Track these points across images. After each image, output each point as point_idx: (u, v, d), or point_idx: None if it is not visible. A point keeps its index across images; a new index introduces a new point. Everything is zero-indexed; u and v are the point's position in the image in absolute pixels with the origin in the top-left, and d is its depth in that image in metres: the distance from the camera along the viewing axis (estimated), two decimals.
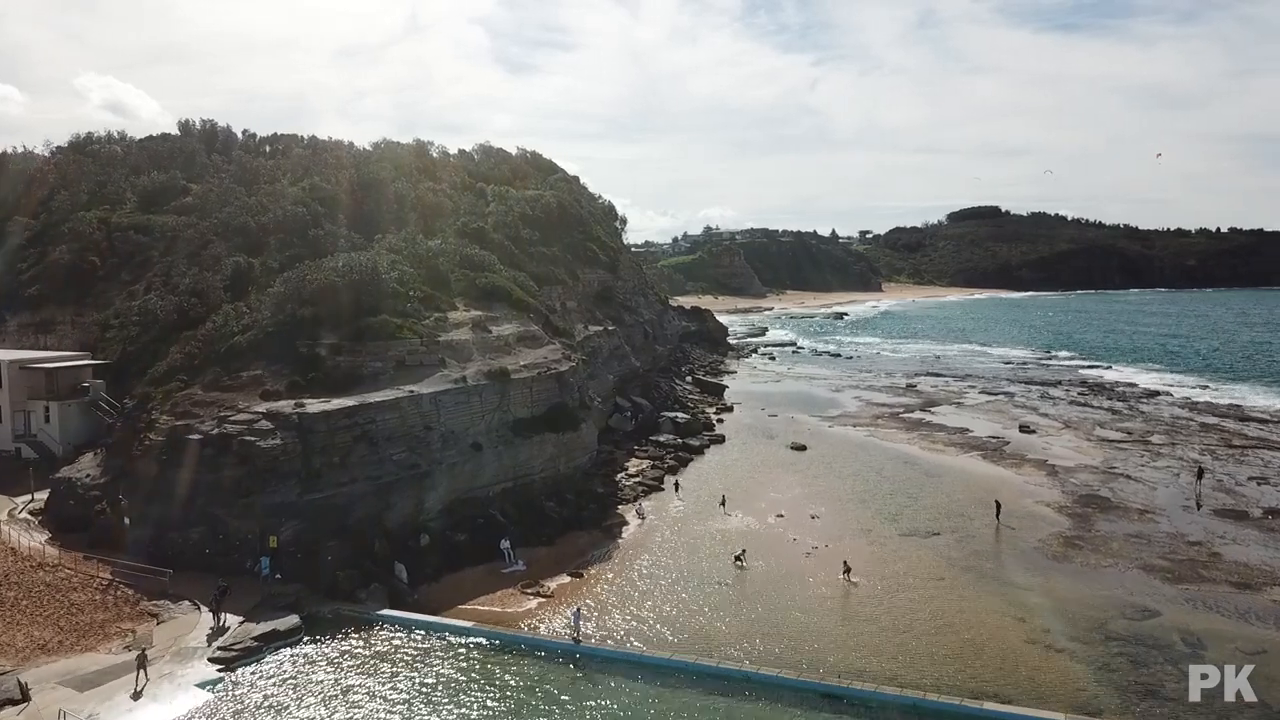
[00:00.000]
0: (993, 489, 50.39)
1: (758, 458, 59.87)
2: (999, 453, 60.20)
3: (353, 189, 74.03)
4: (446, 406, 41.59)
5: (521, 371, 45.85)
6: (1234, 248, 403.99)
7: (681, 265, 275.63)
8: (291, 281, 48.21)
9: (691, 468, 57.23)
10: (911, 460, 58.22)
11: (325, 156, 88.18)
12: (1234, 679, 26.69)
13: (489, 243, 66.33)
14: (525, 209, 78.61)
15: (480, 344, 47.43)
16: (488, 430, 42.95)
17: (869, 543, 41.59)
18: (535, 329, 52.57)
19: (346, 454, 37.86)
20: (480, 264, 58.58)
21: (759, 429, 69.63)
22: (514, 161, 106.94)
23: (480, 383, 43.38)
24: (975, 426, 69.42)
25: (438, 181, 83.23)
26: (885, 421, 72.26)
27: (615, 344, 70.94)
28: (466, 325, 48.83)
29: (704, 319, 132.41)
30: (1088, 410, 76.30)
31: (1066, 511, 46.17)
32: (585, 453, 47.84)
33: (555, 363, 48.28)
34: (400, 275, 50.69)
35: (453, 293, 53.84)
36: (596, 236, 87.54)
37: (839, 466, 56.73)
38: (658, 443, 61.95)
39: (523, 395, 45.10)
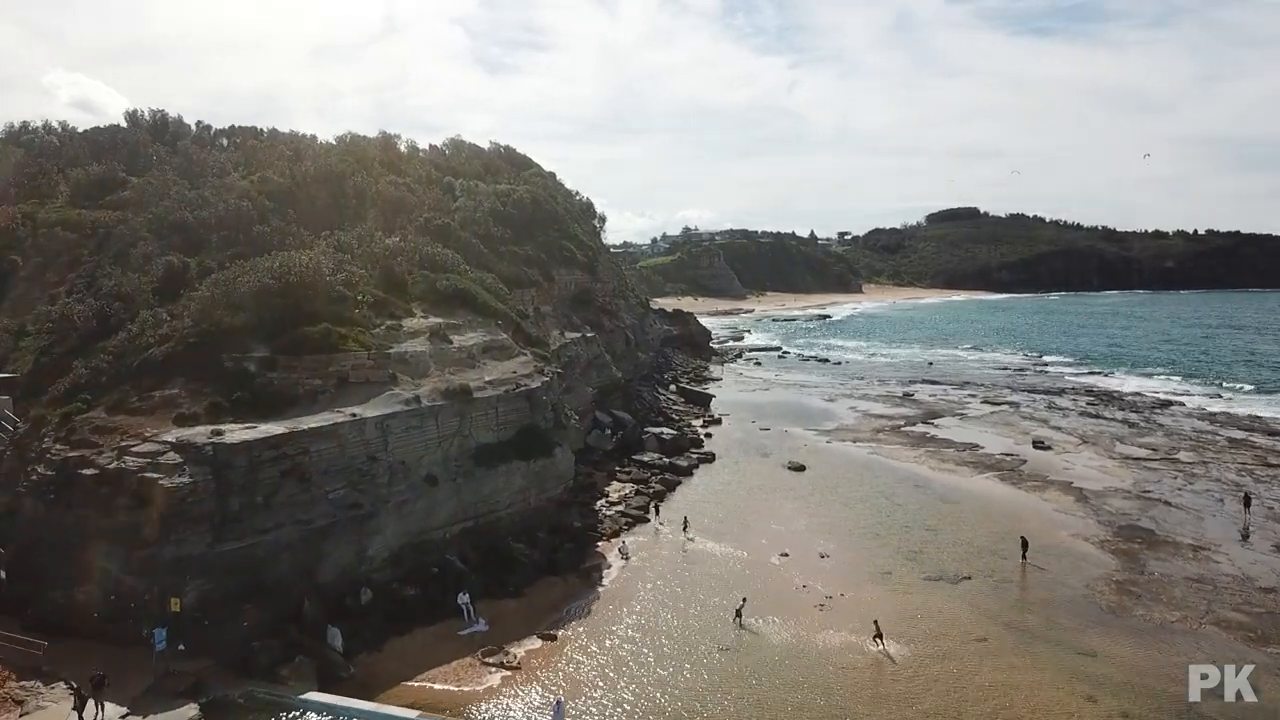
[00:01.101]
0: (1019, 518, 44.85)
1: (753, 480, 53.90)
2: (1017, 473, 54.63)
3: (308, 182, 67.43)
4: (396, 432, 35.23)
5: (486, 389, 39.55)
6: (1212, 250, 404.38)
7: (660, 266, 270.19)
8: (219, 284, 41.68)
9: (680, 493, 51.17)
10: (923, 483, 52.50)
11: (282, 148, 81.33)
12: (1234, 679, 26.58)
13: (454, 241, 60.07)
14: (496, 204, 72.33)
15: (439, 356, 41.12)
16: (445, 460, 36.64)
17: (890, 590, 35.71)
18: (504, 338, 46.31)
19: (272, 493, 31.41)
20: (443, 264, 52.23)
21: (751, 445, 63.71)
22: (486, 156, 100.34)
23: (437, 403, 37.04)
24: (985, 442, 63.91)
25: (402, 175, 76.72)
26: (887, 436, 66.61)
27: (594, 352, 64.77)
28: (424, 334, 42.47)
29: (686, 322, 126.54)
30: (1101, 423, 71.06)
31: (1109, 548, 40.53)
32: (560, 482, 41.63)
33: (526, 378, 42.03)
34: (348, 277, 44.27)
35: (410, 297, 47.48)
36: (574, 235, 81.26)
37: (844, 491, 50.90)
38: (641, 463, 55.88)
39: (487, 417, 38.80)
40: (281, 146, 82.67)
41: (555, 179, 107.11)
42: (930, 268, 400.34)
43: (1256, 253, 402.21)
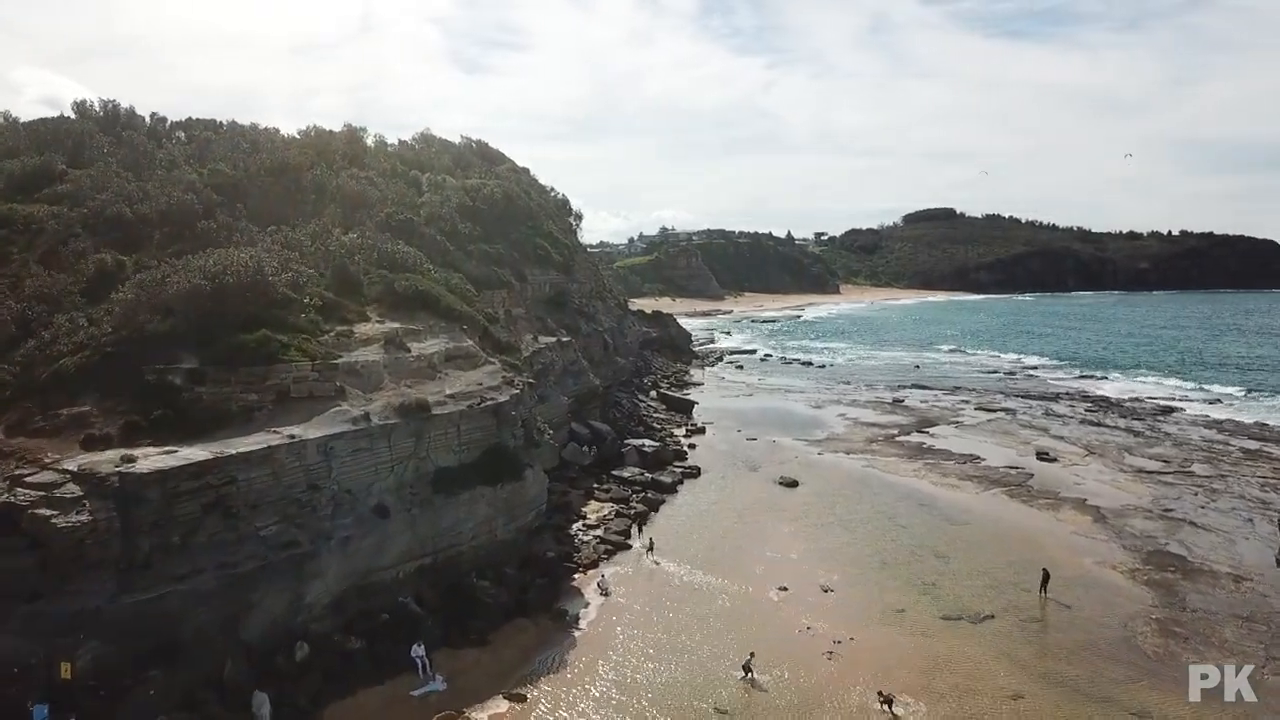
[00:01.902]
0: (1036, 542, 41.02)
1: (742, 498, 49.68)
2: (1025, 489, 50.85)
3: (261, 175, 62.40)
4: (341, 456, 30.61)
5: (447, 404, 34.97)
6: (1185, 251, 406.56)
7: (637, 266, 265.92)
8: (145, 285, 36.83)
9: (664, 513, 46.87)
10: (927, 501, 48.54)
11: (239, 140, 76.04)
12: (1234, 679, 26.40)
13: (418, 238, 55.43)
14: (464, 199, 67.66)
15: (394, 367, 36.50)
16: (398, 487, 32.05)
17: (906, 632, 31.60)
18: (469, 344, 41.75)
19: (191, 531, 26.72)
20: (404, 263, 47.53)
21: (738, 457, 59.52)
22: (457, 150, 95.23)
23: (389, 421, 32.41)
24: (986, 453, 60.15)
25: (364, 169, 71.72)
26: (882, 447, 62.68)
27: (570, 358, 60.30)
28: (378, 342, 37.81)
29: (666, 324, 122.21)
30: (1104, 431, 67.62)
31: (1141, 578, 36.71)
32: (532, 508, 37.12)
33: (493, 390, 37.48)
34: (294, 278, 39.52)
35: (365, 299, 42.83)
36: (548, 233, 76.65)
37: (843, 511, 46.81)
38: (621, 479, 51.49)
39: (448, 436, 34.23)
40: (238, 139, 77.43)
41: (529, 174, 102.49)
42: (907, 268, 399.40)
43: (1229, 254, 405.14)
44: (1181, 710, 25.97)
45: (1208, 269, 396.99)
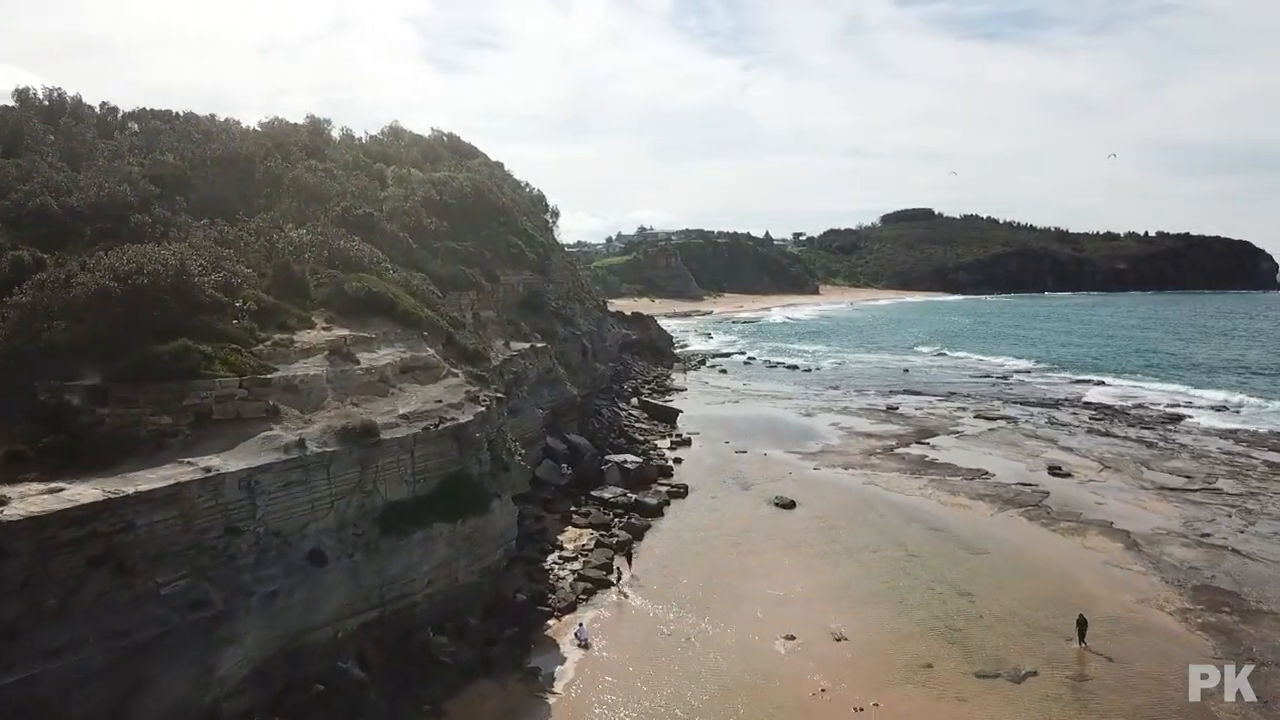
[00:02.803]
0: (1066, 574, 36.76)
1: (735, 522, 45.03)
2: (1043, 510, 46.60)
3: (207, 166, 56.96)
4: (269, 492, 25.55)
5: (400, 426, 29.96)
6: (1162, 251, 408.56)
7: (616, 267, 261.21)
8: (46, 286, 31.46)
9: (650, 541, 42.11)
10: (938, 524, 44.12)
11: (191, 131, 70.38)
12: (1234, 679, 26.15)
13: (378, 234, 50.32)
14: (431, 193, 62.52)
15: (340, 381, 31.44)
16: (339, 527, 27.03)
17: (937, 695, 27.01)
18: (429, 354, 36.75)
19: (72, 592, 21.60)
20: (358, 262, 42.42)
21: (728, 473, 54.86)
22: (426, 144, 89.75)
23: (329, 448, 27.37)
24: (994, 467, 55.92)
25: (325, 161, 66.32)
26: (881, 460, 58.28)
27: (546, 366, 55.33)
28: (321, 352, 32.68)
29: (646, 326, 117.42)
30: (1115, 441, 63.70)
31: (1194, 620, 32.39)
32: (499, 544, 32.16)
33: (455, 408, 32.50)
34: (225, 278, 34.29)
35: (311, 302, 37.70)
36: (522, 230, 71.57)
37: (847, 537, 42.27)
38: (601, 501, 46.67)
39: (400, 464, 29.23)
40: (190, 129, 71.73)
41: (503, 169, 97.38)
42: (886, 268, 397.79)
43: (1205, 254, 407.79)
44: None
45: (1185, 269, 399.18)
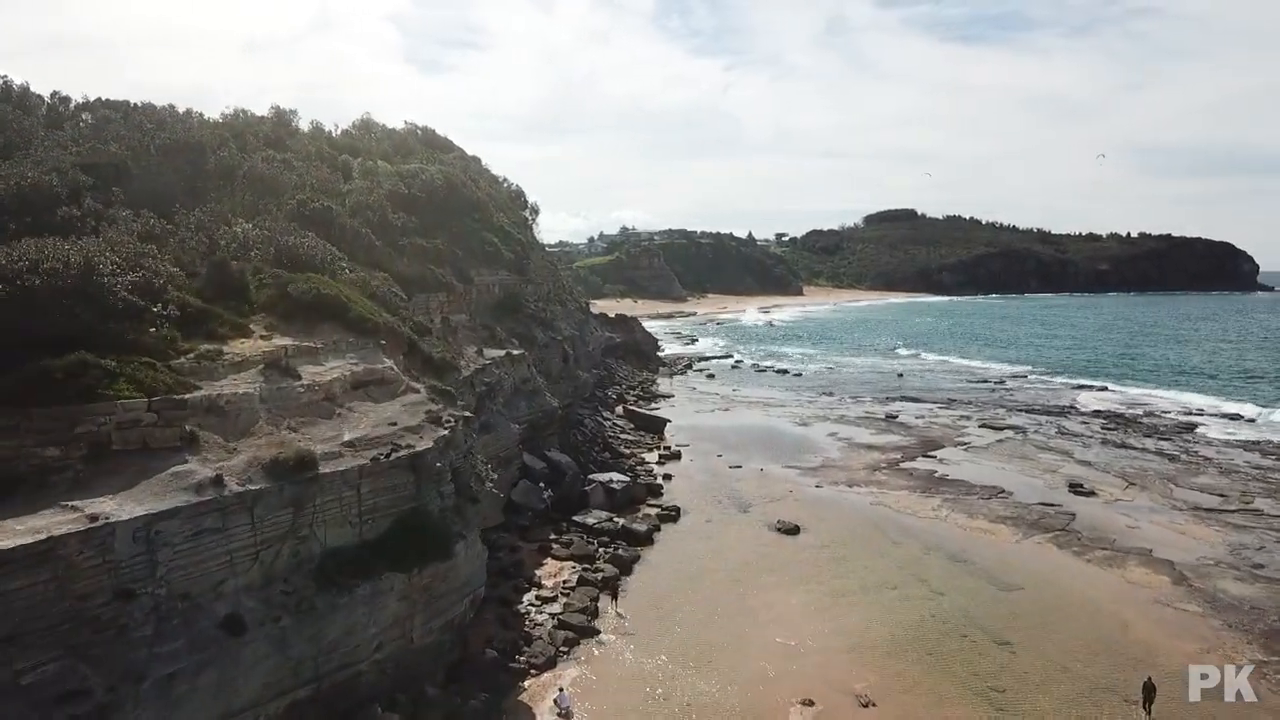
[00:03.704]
0: (1116, 617, 32.42)
1: (734, 551, 40.37)
2: (1072, 535, 42.27)
3: (152, 155, 51.66)
4: (173, 544, 20.60)
5: (344, 455, 25.04)
6: (1145, 252, 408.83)
7: (598, 267, 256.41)
8: None
9: (639, 575, 37.35)
10: (959, 553, 39.64)
11: (143, 120, 64.95)
12: (1234, 679, 26.00)
13: (337, 231, 45.35)
14: (398, 186, 57.49)
15: (276, 401, 26.49)
16: (264, 584, 22.10)
17: None
18: (386, 365, 31.80)
19: None
20: (310, 260, 37.46)
21: (723, 492, 50.21)
22: (398, 137, 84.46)
23: (253, 487, 22.45)
24: (1010, 483, 51.65)
25: (284, 151, 61.05)
26: (888, 476, 53.84)
27: (523, 375, 50.45)
28: (255, 365, 27.68)
29: (631, 328, 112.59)
30: (1134, 454, 59.62)
31: (1273, 676, 28.02)
32: (464, 593, 27.24)
33: (413, 431, 27.64)
34: (143, 279, 29.24)
35: (251, 307, 32.71)
36: (498, 226, 66.60)
37: (860, 569, 37.72)
38: (585, 527, 41.91)
39: (344, 503, 24.33)
40: (142, 119, 66.29)
41: (480, 164, 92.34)
42: (869, 269, 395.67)
43: (1187, 255, 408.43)
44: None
45: (1167, 270, 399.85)
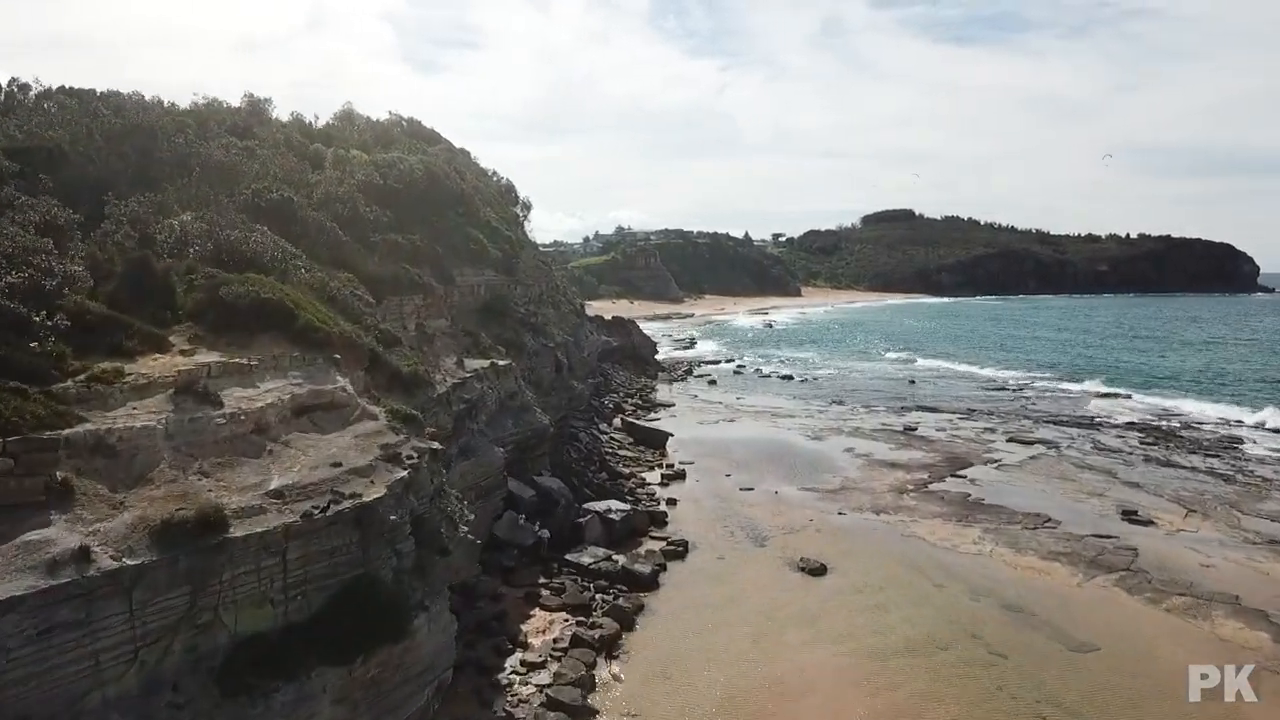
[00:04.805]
0: (1222, 692, 26.73)
1: (753, 598, 34.66)
2: (1141, 576, 36.69)
3: (88, 140, 45.87)
4: (9, 648, 14.82)
5: (266, 513, 19.27)
6: (1144, 253, 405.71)
7: (593, 267, 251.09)
8: None
9: (643, 630, 31.62)
10: (1015, 600, 33.97)
11: (99, 106, 59.07)
12: (1234, 679, 25.62)
13: (298, 225, 39.67)
14: (373, 176, 51.76)
15: (186, 436, 20.69)
16: (143, 693, 16.20)
17: None
18: (338, 386, 26.01)
19: None
20: (255, 258, 31.74)
21: (734, 520, 44.58)
22: (381, 127, 78.46)
23: (132, 562, 16.72)
24: (1055, 510, 46.16)
25: (250, 139, 55.22)
26: (917, 500, 48.32)
27: (510, 389, 44.70)
28: (164, 390, 21.87)
29: (628, 332, 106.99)
30: (1183, 475, 54.21)
31: None
32: (425, 681, 21.46)
33: (360, 474, 21.84)
34: (28, 280, 23.49)
35: (176, 314, 26.99)
36: (485, 222, 60.78)
37: (901, 622, 32.04)
38: (580, 568, 36.15)
39: (263, 576, 18.56)
40: (97, 104, 60.44)
41: (469, 157, 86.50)
42: (867, 270, 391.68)
43: (1187, 256, 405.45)
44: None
45: (1166, 271, 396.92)
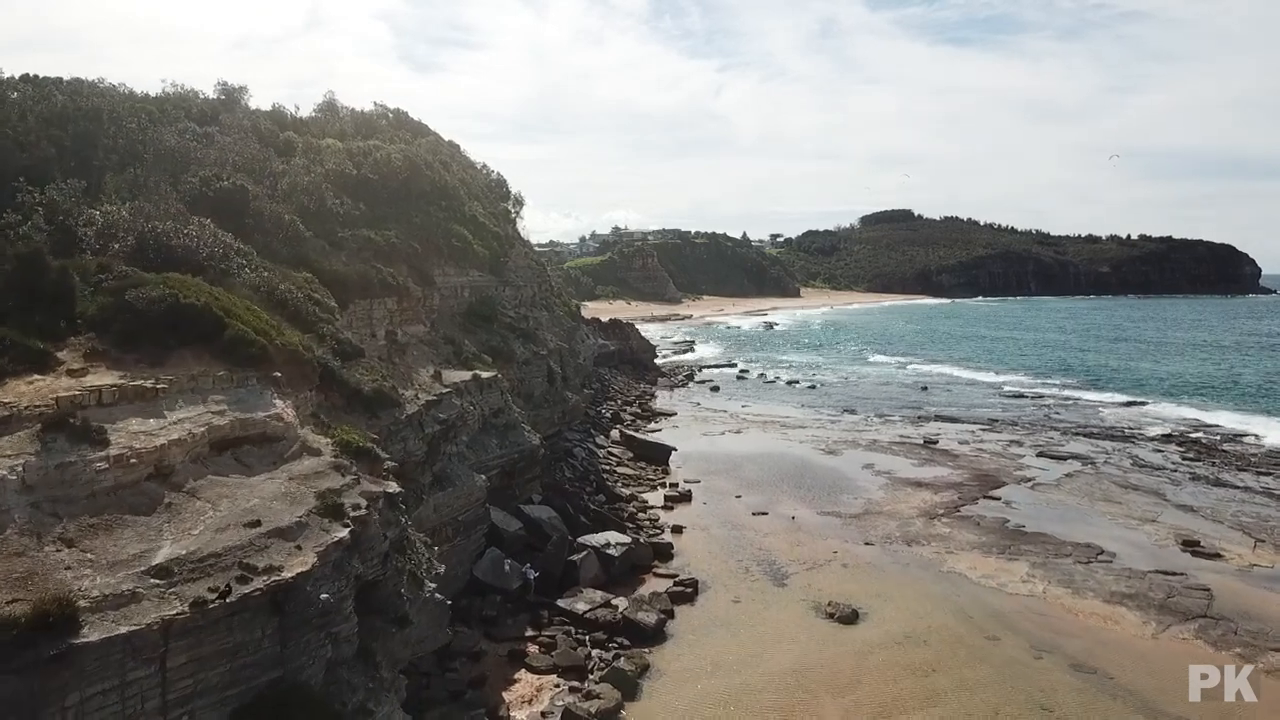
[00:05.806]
0: None
1: (775, 656, 29.53)
2: (1223, 625, 31.62)
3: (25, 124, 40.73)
4: None
5: (142, 600, 14.14)
6: (1145, 255, 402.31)
7: (589, 267, 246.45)
8: None
9: (648, 700, 26.45)
10: (1085, 659, 28.84)
11: (51, 91, 53.80)
12: (1234, 679, 25.39)
13: (252, 218, 34.77)
14: (345, 164, 46.81)
15: (50, 489, 15.50)
16: None
17: None
18: (273, 412, 20.89)
19: None
20: (188, 256, 26.71)
21: (748, 552, 39.50)
22: (364, 118, 73.08)
23: None
24: (1104, 538, 41.24)
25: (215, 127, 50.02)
26: (950, 527, 43.29)
27: (495, 404, 39.56)
28: (30, 425, 16.75)
29: (626, 335, 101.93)
30: (1236, 495, 49.32)
31: None
32: None
33: (282, 536, 16.66)
34: None
35: (72, 324, 21.87)
36: (470, 217, 55.71)
37: (955, 687, 26.94)
38: (574, 617, 31.03)
39: (129, 694, 13.21)
40: (52, 91, 55.19)
41: (457, 149, 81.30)
42: (866, 271, 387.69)
43: (1188, 258, 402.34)
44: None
45: (1168, 273, 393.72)
